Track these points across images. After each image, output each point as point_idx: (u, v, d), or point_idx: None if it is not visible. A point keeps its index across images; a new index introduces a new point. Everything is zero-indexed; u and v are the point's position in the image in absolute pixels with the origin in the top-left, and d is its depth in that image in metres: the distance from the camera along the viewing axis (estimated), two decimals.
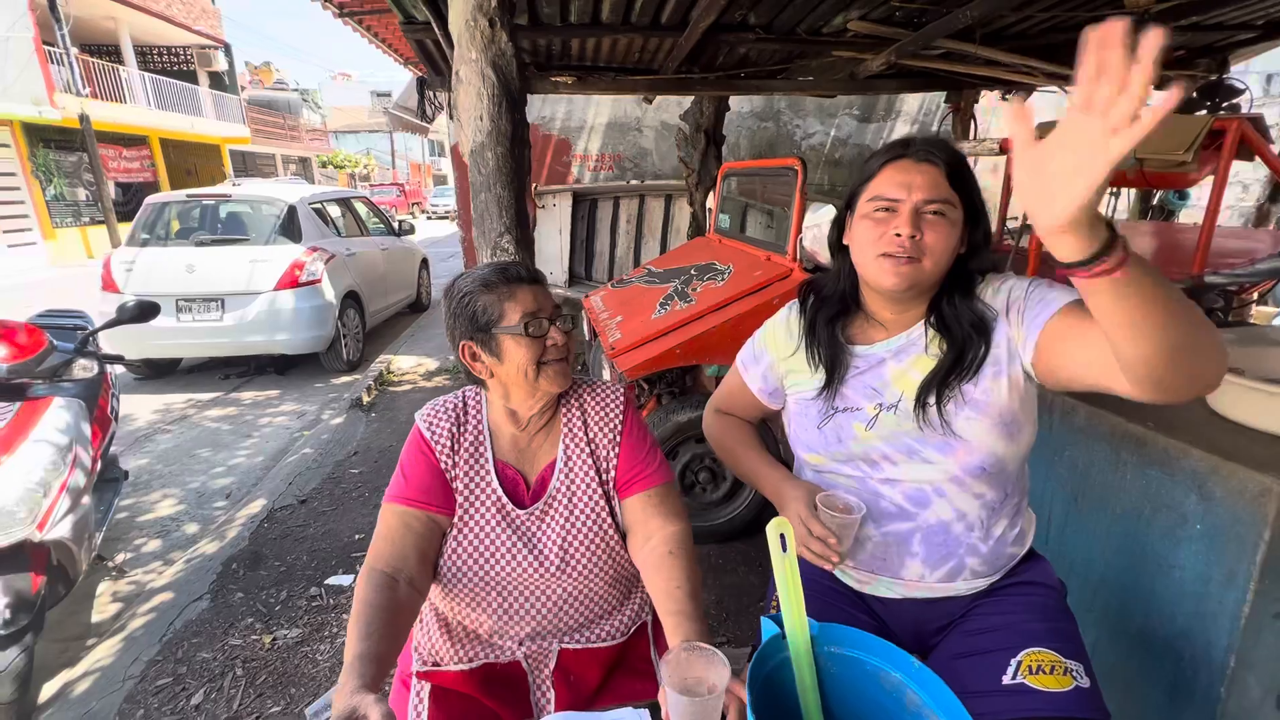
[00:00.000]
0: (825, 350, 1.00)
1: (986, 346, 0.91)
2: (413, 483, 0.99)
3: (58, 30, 11.67)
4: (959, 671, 0.96)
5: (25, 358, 1.99)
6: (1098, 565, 1.35)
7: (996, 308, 0.92)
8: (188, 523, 3.00)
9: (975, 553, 0.95)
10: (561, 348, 0.99)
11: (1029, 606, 0.96)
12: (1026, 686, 0.87)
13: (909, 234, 0.87)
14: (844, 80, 4.24)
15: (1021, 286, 0.91)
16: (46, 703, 1.91)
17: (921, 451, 0.93)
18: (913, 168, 0.90)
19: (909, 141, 0.93)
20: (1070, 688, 0.87)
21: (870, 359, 0.99)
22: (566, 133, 5.95)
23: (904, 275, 0.89)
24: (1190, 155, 2.84)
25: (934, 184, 0.89)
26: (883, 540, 0.98)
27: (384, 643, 0.83)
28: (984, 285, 0.96)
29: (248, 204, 5.16)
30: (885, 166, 0.92)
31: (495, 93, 1.48)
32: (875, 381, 0.97)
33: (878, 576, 1.00)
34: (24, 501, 1.80)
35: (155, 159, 15.54)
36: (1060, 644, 0.92)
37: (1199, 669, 1.14)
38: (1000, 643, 0.93)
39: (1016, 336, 0.89)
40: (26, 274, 10.89)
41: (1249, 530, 1.04)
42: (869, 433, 0.96)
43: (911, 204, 0.88)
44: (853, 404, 0.98)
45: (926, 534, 0.95)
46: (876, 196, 0.91)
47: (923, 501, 0.95)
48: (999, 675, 0.90)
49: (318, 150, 28.70)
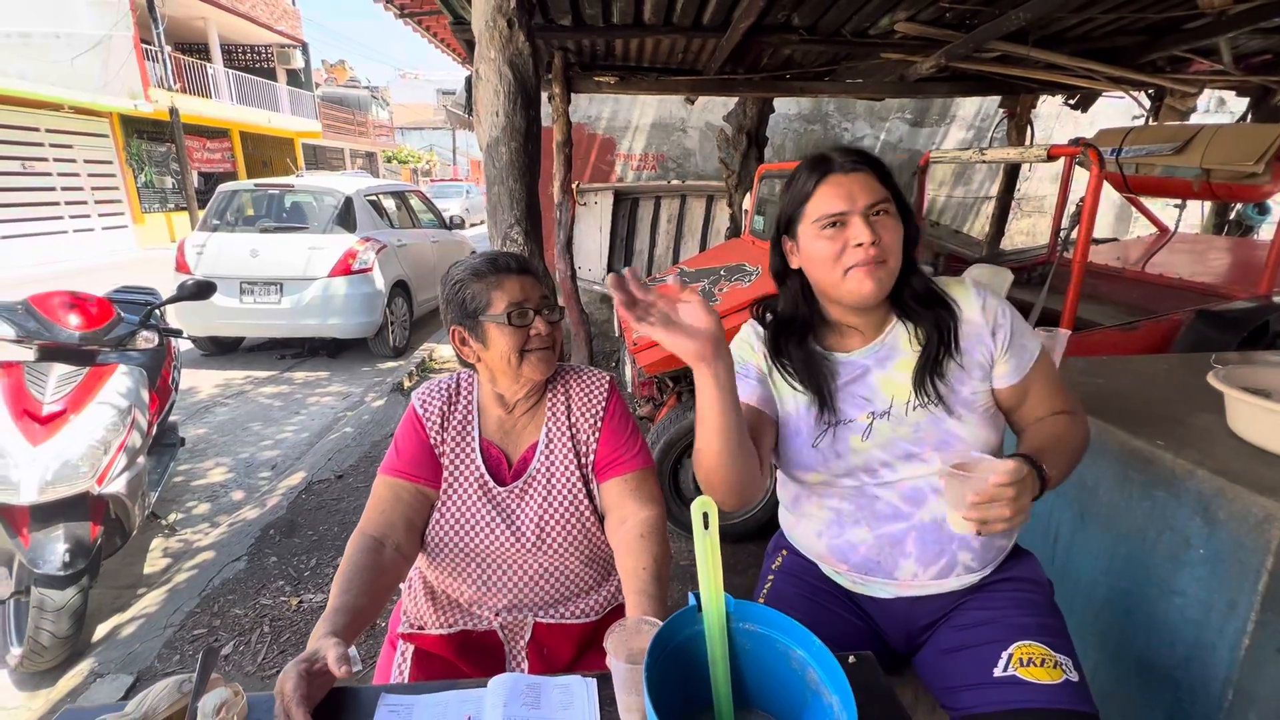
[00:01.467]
0: (805, 369, 0.99)
1: (954, 319, 0.96)
2: (404, 457, 1.05)
3: (154, 29, 12.61)
4: (951, 665, 0.98)
5: (95, 327, 2.18)
6: (1101, 587, 1.30)
7: (976, 320, 0.97)
8: (235, 489, 3.21)
9: (967, 547, 0.97)
10: (545, 337, 1.03)
11: (1018, 602, 0.97)
12: (1018, 678, 0.88)
13: (870, 239, 0.89)
14: (893, 83, 4.15)
15: (1006, 313, 0.98)
16: (97, 642, 2.10)
17: (920, 453, 0.95)
18: (845, 179, 0.92)
19: (827, 158, 0.95)
20: (1061, 680, 0.87)
21: (854, 366, 0.99)
22: (611, 131, 6.03)
23: (879, 281, 0.91)
24: (1262, 166, 2.67)
25: (870, 187, 0.92)
26: (877, 543, 0.99)
27: (362, 598, 0.89)
28: (952, 286, 1.00)
29: (309, 194, 5.46)
30: (820, 185, 0.94)
31: (511, 90, 1.54)
32: (863, 390, 0.98)
33: (871, 578, 1.01)
34: (86, 457, 1.98)
35: (235, 151, 16.54)
36: (1050, 638, 0.93)
37: (1196, 700, 1.09)
38: (991, 636, 0.94)
39: (999, 363, 0.97)
40: (117, 254, 11.81)
41: (1251, 557, 0.99)
42: (866, 443, 0.97)
43: (859, 211, 0.90)
44: (845, 416, 0.98)
45: (920, 532, 0.97)
46: (821, 216, 0.92)
47: (919, 499, 0.96)
48: (990, 667, 0.91)
49: (384, 146, 29.90)
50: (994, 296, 0.99)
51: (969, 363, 0.96)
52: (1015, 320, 0.98)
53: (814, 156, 0.97)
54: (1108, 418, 1.30)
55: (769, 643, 0.60)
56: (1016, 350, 0.97)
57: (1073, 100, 4.40)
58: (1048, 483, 0.85)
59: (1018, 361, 0.97)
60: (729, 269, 3.07)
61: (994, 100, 5.71)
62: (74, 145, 11.79)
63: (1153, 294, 2.87)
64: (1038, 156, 2.34)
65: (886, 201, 0.92)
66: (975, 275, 2.56)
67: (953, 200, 6.67)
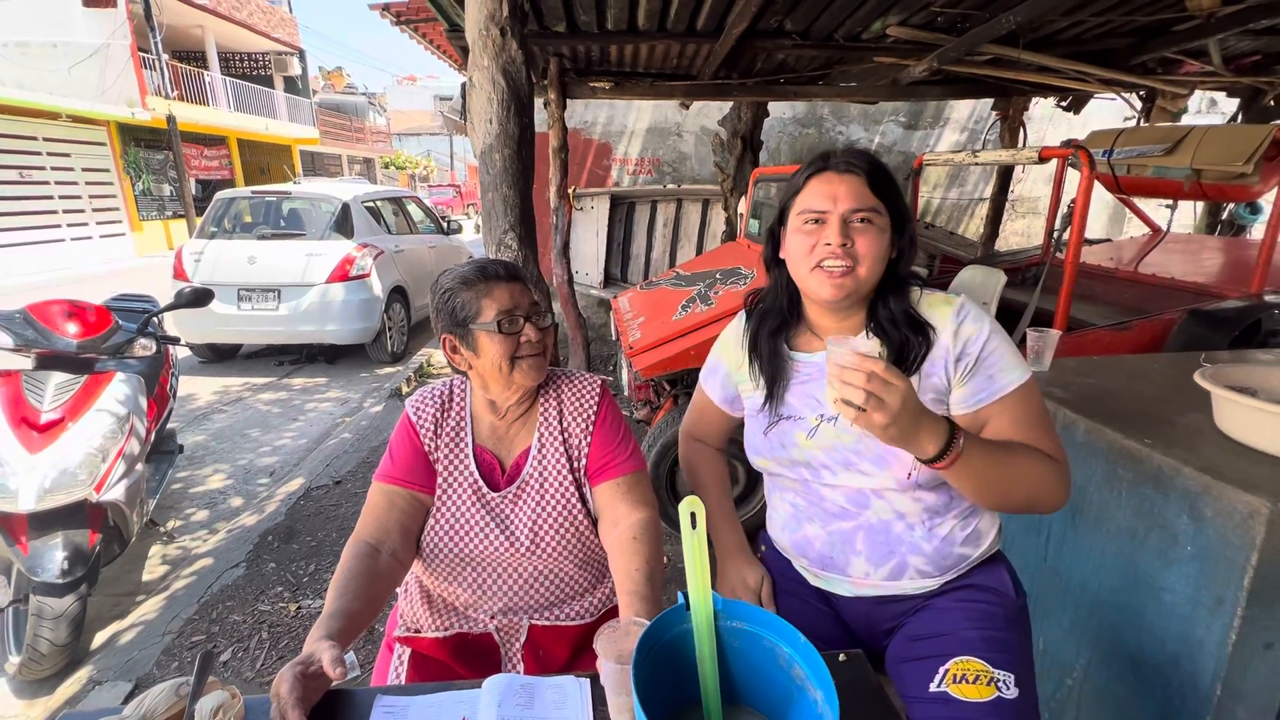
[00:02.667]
0: (767, 364, 1.03)
1: (926, 345, 0.93)
2: (398, 463, 1.06)
3: (152, 38, 12.65)
4: (900, 676, 0.99)
5: (93, 335, 2.19)
6: (1092, 585, 1.31)
7: (945, 343, 0.92)
8: (233, 496, 3.21)
9: (918, 551, 0.97)
10: (535, 344, 1.04)
11: (970, 614, 0.96)
12: (948, 695, 0.90)
13: (839, 243, 0.90)
14: (887, 86, 4.18)
15: (980, 342, 0.91)
16: (97, 649, 2.10)
17: (858, 464, 0.95)
18: (836, 179, 0.92)
19: (830, 154, 0.96)
20: (990, 698, 0.88)
21: (814, 367, 1.01)
22: (607, 137, 6.06)
23: (840, 285, 0.91)
24: (1251, 166, 2.69)
25: (858, 193, 0.91)
26: (829, 539, 1.01)
27: (357, 602, 0.90)
28: (928, 301, 0.96)
29: (306, 201, 5.47)
30: (810, 180, 0.94)
31: (504, 98, 1.56)
32: (817, 391, 0.99)
33: (829, 573, 1.03)
34: (85, 465, 1.99)
35: (232, 158, 16.58)
36: (993, 654, 0.92)
37: (1187, 697, 1.10)
38: (934, 649, 0.95)
39: (955, 387, 0.93)
40: (114, 262, 11.81)
41: (1237, 554, 1.00)
42: (810, 441, 0.99)
43: (839, 214, 0.90)
44: (796, 412, 1.01)
45: (868, 532, 0.98)
46: (804, 210, 0.93)
47: (862, 503, 0.98)
48: (927, 682, 0.93)
49: (381, 152, 29.97)
50: (974, 321, 0.92)
51: (924, 385, 0.93)
52: (990, 349, 0.91)
53: (822, 153, 0.97)
54: (1098, 417, 1.31)
55: (756, 640, 0.61)
56: (981, 379, 0.91)
57: (1065, 102, 4.43)
58: (954, 443, 0.78)
59: (976, 388, 0.91)
60: (724, 272, 3.09)
61: (987, 103, 5.74)
62: (71, 154, 11.80)
63: (1146, 294, 2.89)
64: (1029, 158, 2.36)
65: (873, 211, 0.91)
66: (969, 276, 2.57)
67: (947, 202, 6.70)
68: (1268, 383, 1.24)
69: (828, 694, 0.54)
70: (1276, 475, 1.03)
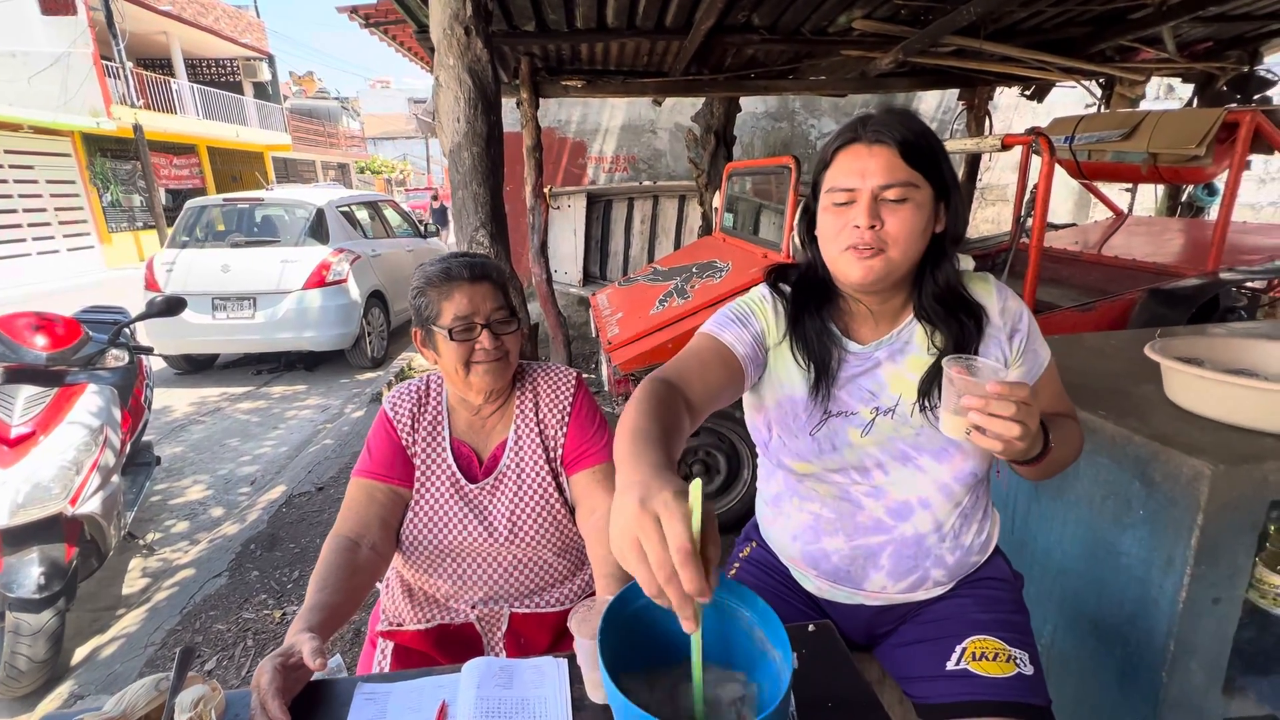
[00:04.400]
0: (816, 344, 0.92)
1: (978, 328, 0.89)
2: (376, 458, 1.08)
3: (115, 45, 12.38)
4: (906, 657, 0.99)
5: (62, 347, 2.16)
6: (1055, 554, 1.36)
7: (995, 321, 0.91)
8: (214, 506, 3.18)
9: (941, 564, 0.95)
10: (490, 351, 1.03)
11: (979, 600, 0.98)
12: (969, 672, 0.90)
13: (868, 224, 0.81)
14: (855, 79, 4.25)
15: (1024, 319, 0.92)
16: (77, 664, 2.08)
17: (916, 459, 0.91)
18: (865, 152, 0.82)
19: (865, 120, 0.84)
20: (1012, 674, 0.89)
21: (865, 359, 0.93)
22: (582, 135, 6.07)
23: (870, 269, 0.83)
24: (1204, 149, 2.78)
25: (890, 167, 0.81)
26: (851, 553, 0.96)
27: (337, 596, 0.92)
28: (975, 282, 0.93)
29: (279, 207, 5.41)
30: (837, 154, 0.85)
31: (471, 96, 1.58)
32: (870, 384, 0.92)
33: (839, 587, 0.99)
34: (58, 478, 1.96)
35: (203, 166, 16.29)
36: (1007, 633, 0.94)
37: (1143, 654, 1.15)
38: (947, 630, 0.96)
39: (1012, 367, 0.91)
40: (84, 275, 11.56)
41: (1184, 515, 1.05)
42: (864, 439, 0.92)
43: (868, 192, 0.81)
44: (848, 408, 0.92)
45: (898, 547, 0.94)
46: (833, 187, 0.85)
47: (904, 514, 0.93)
48: (944, 661, 0.93)
49: (356, 157, 29.61)
50: (1014, 298, 0.93)
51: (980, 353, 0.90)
52: (1032, 324, 0.93)
53: (858, 118, 0.86)
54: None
55: (720, 606, 0.64)
56: (1030, 356, 0.92)
57: (1029, 91, 4.53)
58: (1049, 448, 0.80)
59: (1029, 368, 0.92)
60: (700, 266, 3.12)
61: (954, 93, 5.85)
62: (35, 166, 11.52)
63: (1109, 275, 2.97)
64: (993, 146, 2.42)
65: (906, 186, 0.81)
66: None
67: None
68: (1213, 353, 1.30)
69: (785, 654, 0.57)
70: (1220, 439, 1.09)
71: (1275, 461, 1.02)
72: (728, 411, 2.50)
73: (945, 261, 0.89)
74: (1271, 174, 8.44)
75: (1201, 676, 1.10)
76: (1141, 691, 1.16)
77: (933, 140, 0.84)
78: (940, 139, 0.86)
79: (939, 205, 0.85)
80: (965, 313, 0.89)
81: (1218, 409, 1.14)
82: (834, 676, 0.85)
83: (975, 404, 0.71)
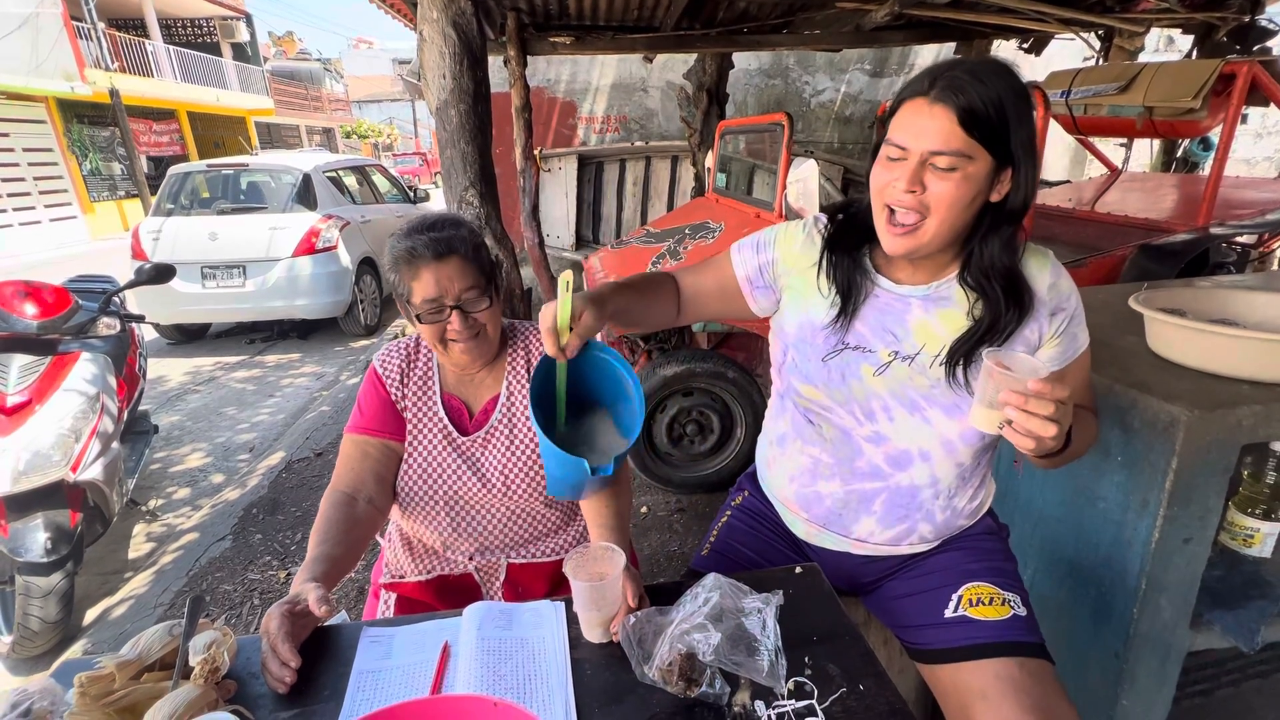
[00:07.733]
0: (846, 273, 0.91)
1: (1019, 314, 0.85)
2: (367, 415, 1.10)
3: (84, 5, 11.90)
4: (903, 608, 1.03)
5: (52, 315, 2.15)
6: (1037, 502, 1.41)
7: (1040, 297, 0.88)
8: (214, 473, 3.22)
9: (930, 520, 0.98)
10: (462, 331, 1.02)
11: (969, 551, 1.03)
12: (968, 617, 0.95)
13: (907, 188, 0.79)
14: (850, 33, 4.15)
15: (1072, 300, 0.89)
16: (88, 625, 2.14)
17: (925, 410, 0.90)
18: (926, 110, 0.78)
19: (939, 73, 0.79)
20: (1008, 615, 0.94)
21: (896, 298, 0.91)
22: (571, 95, 5.93)
23: (901, 243, 0.83)
24: (1199, 102, 2.75)
25: (945, 133, 0.77)
26: (845, 497, 0.98)
27: (338, 548, 0.95)
28: (1033, 255, 0.90)
29: (265, 173, 5.31)
30: (902, 105, 0.81)
31: (456, 51, 1.53)
32: (895, 326, 0.91)
33: (828, 531, 1.02)
34: (58, 445, 1.98)
35: (184, 132, 15.87)
36: (999, 579, 0.99)
37: (1116, 592, 1.20)
38: (942, 581, 1.00)
39: (1046, 345, 0.89)
40: (68, 246, 11.38)
41: (1160, 459, 1.08)
42: (876, 378, 0.91)
43: (918, 154, 0.78)
44: (866, 343, 0.92)
45: (892, 494, 0.96)
46: (890, 140, 0.82)
47: (903, 463, 0.94)
48: (941, 609, 0.98)
49: (341, 121, 28.88)
50: (1067, 279, 0.90)
51: (1015, 338, 0.88)
52: (1078, 307, 0.90)
53: (936, 67, 0.81)
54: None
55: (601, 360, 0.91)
56: (1068, 338, 0.90)
57: (1026, 44, 4.44)
58: (1068, 445, 0.81)
59: (1063, 348, 0.90)
60: (693, 227, 3.10)
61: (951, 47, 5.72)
62: (10, 134, 11.21)
63: (1102, 232, 2.97)
64: None
65: (959, 156, 0.76)
66: None
67: None
68: (1197, 305, 1.32)
69: (638, 394, 0.88)
70: (1196, 387, 1.11)
71: (1248, 407, 1.05)
72: (720, 371, 2.53)
73: (996, 235, 0.84)
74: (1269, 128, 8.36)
75: (1170, 612, 1.15)
76: (1113, 627, 1.21)
77: (1005, 108, 0.76)
78: (1023, 102, 0.78)
79: (1001, 173, 0.80)
80: (1012, 295, 0.85)
81: (1197, 358, 1.16)
82: (820, 614, 0.89)
83: (1014, 400, 0.71)
